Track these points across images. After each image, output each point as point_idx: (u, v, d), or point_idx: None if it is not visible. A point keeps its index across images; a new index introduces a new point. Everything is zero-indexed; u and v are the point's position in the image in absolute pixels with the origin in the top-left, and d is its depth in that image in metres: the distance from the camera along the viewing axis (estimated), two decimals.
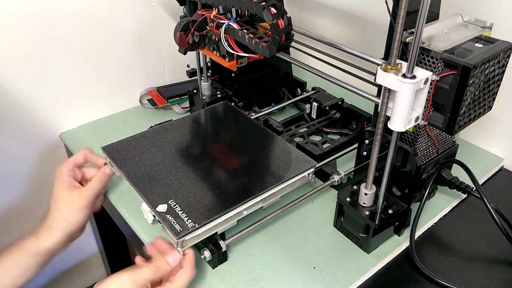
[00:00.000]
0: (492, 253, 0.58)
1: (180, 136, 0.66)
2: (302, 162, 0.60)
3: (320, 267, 0.56)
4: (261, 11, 0.55)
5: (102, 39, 0.82)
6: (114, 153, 0.61)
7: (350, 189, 0.58)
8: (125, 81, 0.89)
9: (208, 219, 0.51)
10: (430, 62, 0.48)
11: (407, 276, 0.55)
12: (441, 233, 0.62)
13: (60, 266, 1.01)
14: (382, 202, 0.53)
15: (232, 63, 0.72)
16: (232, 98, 0.85)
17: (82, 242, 1.03)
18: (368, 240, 0.57)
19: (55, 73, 0.78)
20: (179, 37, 0.69)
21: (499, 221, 0.54)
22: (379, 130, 0.48)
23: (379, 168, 0.54)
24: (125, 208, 0.66)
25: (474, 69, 0.45)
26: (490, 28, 0.51)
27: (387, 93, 0.45)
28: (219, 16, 0.66)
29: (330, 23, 0.95)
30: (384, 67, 0.44)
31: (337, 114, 0.79)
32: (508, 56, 0.49)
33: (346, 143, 0.72)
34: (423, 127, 0.55)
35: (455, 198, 0.66)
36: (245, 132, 0.67)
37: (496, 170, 0.73)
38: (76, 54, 0.79)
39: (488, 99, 0.51)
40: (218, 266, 0.56)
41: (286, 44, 0.57)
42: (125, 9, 0.82)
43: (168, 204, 0.53)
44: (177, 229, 0.49)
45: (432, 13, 0.52)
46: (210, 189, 0.55)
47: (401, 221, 0.58)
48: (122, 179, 0.60)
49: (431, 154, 0.59)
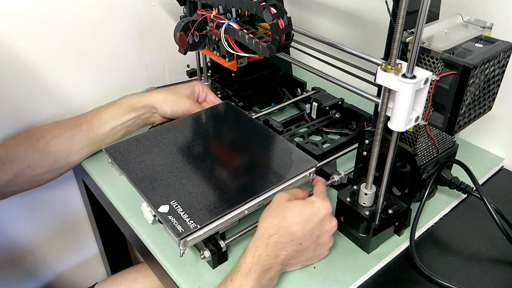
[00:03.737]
0: (492, 253, 0.58)
1: (181, 136, 0.66)
2: (303, 162, 0.60)
3: (320, 267, 0.56)
4: (261, 11, 0.55)
5: (102, 39, 0.81)
6: (115, 154, 0.61)
7: (350, 189, 0.58)
8: (125, 81, 0.88)
9: (210, 220, 0.51)
10: (430, 62, 0.48)
11: (407, 276, 0.55)
12: (441, 233, 0.62)
13: (60, 266, 1.01)
14: (382, 202, 0.53)
15: (232, 63, 0.72)
16: (232, 98, 0.85)
17: (82, 242, 1.03)
18: (368, 240, 0.57)
19: (55, 73, 0.78)
20: (179, 37, 0.69)
21: (499, 221, 0.54)
22: (379, 130, 0.48)
23: (379, 168, 0.53)
24: (125, 208, 0.66)
25: (474, 69, 0.45)
26: (490, 28, 0.51)
27: (387, 93, 0.45)
28: (219, 16, 0.66)
29: (330, 23, 0.95)
30: (384, 67, 0.44)
31: (337, 114, 0.79)
32: (508, 56, 0.49)
33: (346, 143, 0.72)
34: (423, 127, 0.55)
35: (455, 198, 0.66)
36: (246, 131, 0.67)
37: (496, 170, 0.73)
38: (76, 54, 0.79)
39: (488, 99, 0.51)
40: (218, 266, 0.56)
41: (286, 44, 0.57)
42: (125, 9, 0.82)
43: (170, 205, 0.53)
44: (179, 230, 0.49)
45: (432, 13, 0.52)
46: (212, 190, 0.55)
47: (401, 221, 0.58)
48: (122, 179, 0.60)
49: (431, 154, 0.59)
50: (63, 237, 0.97)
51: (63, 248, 0.99)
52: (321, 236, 0.54)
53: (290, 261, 0.53)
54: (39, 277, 0.99)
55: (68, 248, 1.00)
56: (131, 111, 0.72)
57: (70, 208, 0.95)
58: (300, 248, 0.52)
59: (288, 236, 0.51)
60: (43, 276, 0.99)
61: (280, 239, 0.51)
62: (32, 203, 0.88)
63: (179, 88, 0.75)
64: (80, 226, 1.00)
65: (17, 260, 0.92)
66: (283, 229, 0.51)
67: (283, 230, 0.51)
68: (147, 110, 0.73)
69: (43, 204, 0.90)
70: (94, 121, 0.71)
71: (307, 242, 0.53)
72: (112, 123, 0.71)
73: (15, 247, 0.90)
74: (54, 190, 0.90)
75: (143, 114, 0.73)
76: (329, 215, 0.54)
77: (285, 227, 0.52)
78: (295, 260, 0.53)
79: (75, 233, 1.00)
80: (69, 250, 1.01)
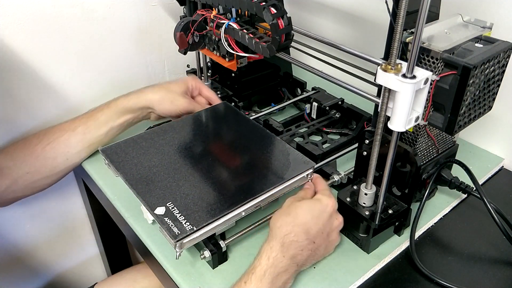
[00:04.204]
0: (492, 253, 0.58)
1: (178, 137, 0.66)
2: (300, 163, 0.59)
3: (320, 267, 0.56)
4: (261, 11, 0.55)
5: (102, 39, 0.81)
6: (112, 155, 0.61)
7: (350, 189, 0.58)
8: (125, 81, 0.88)
9: (206, 222, 0.51)
10: (430, 62, 0.48)
11: (407, 276, 0.55)
12: (441, 233, 0.62)
13: (60, 266, 1.01)
14: (382, 202, 0.53)
15: (232, 63, 0.72)
16: (232, 98, 0.85)
17: (82, 242, 1.03)
18: (368, 240, 0.57)
19: (55, 73, 0.78)
20: (179, 37, 0.69)
21: (499, 221, 0.54)
22: (379, 130, 0.48)
23: (379, 168, 0.54)
24: (125, 208, 0.66)
25: (474, 69, 0.45)
26: (490, 28, 0.51)
27: (387, 93, 0.45)
28: (219, 16, 0.66)
29: (330, 23, 0.95)
30: (384, 67, 0.44)
31: (337, 114, 0.79)
32: (508, 56, 0.49)
33: (346, 143, 0.72)
34: (423, 127, 0.55)
35: (455, 198, 0.66)
36: (244, 133, 0.67)
37: (496, 170, 0.73)
38: (76, 54, 0.79)
39: (488, 99, 0.51)
40: (218, 266, 0.56)
41: (286, 44, 0.57)
42: (125, 9, 0.82)
43: (166, 206, 0.53)
44: (175, 232, 0.49)
45: (432, 13, 0.52)
46: (208, 191, 0.55)
47: (401, 221, 0.58)
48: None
49: (431, 154, 0.59)
50: (63, 237, 0.97)
51: (63, 248, 0.99)
52: (331, 233, 0.54)
53: (305, 262, 0.53)
54: (40, 277, 0.99)
55: (68, 248, 1.00)
56: (128, 113, 0.71)
57: (70, 208, 0.95)
58: (314, 247, 0.52)
59: (303, 234, 0.51)
60: (43, 276, 0.99)
61: (295, 238, 0.50)
62: (33, 204, 0.88)
63: (173, 86, 0.74)
64: (80, 226, 1.00)
65: (18, 260, 0.92)
66: (298, 227, 0.51)
67: (297, 228, 0.51)
68: (143, 111, 0.73)
69: (43, 205, 0.90)
70: (90, 123, 0.70)
71: (320, 240, 0.52)
72: (108, 124, 0.71)
73: (15, 247, 0.90)
74: (54, 191, 0.89)
75: (140, 115, 0.73)
76: (335, 211, 0.54)
77: (299, 224, 0.51)
78: (309, 260, 0.53)
79: (75, 233, 1.00)
80: (69, 250, 1.01)
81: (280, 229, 0.51)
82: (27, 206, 0.87)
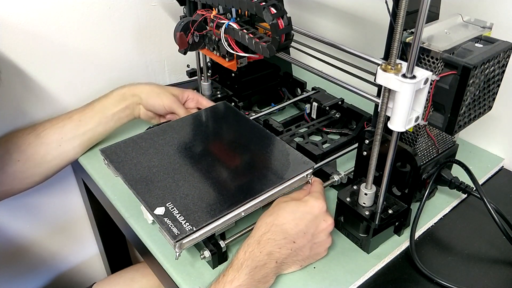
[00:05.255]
0: (492, 253, 0.58)
1: (178, 137, 0.66)
2: (300, 163, 0.59)
3: (320, 267, 0.56)
4: (261, 11, 0.55)
5: (102, 39, 0.82)
6: (112, 155, 0.61)
7: (350, 189, 0.58)
8: (125, 81, 0.88)
9: (206, 222, 0.51)
10: (430, 62, 0.48)
11: (407, 276, 0.55)
12: (441, 233, 0.62)
13: (60, 266, 1.01)
14: (382, 202, 0.53)
15: (232, 63, 0.72)
16: (232, 98, 0.85)
17: (82, 242, 1.03)
18: (368, 240, 0.57)
19: (55, 73, 0.78)
20: (179, 37, 0.69)
21: (499, 221, 0.54)
22: (379, 130, 0.48)
23: (379, 168, 0.54)
24: (125, 208, 0.66)
25: (474, 69, 0.45)
26: (490, 28, 0.51)
27: (387, 93, 0.45)
28: (219, 16, 0.66)
29: (330, 23, 0.95)
30: (384, 67, 0.44)
31: (337, 114, 0.79)
32: (508, 56, 0.49)
33: (346, 143, 0.72)
34: (423, 127, 0.55)
35: (455, 198, 0.66)
36: (243, 133, 0.67)
37: (496, 170, 0.73)
38: (76, 54, 0.79)
39: (488, 99, 0.51)
40: (218, 266, 0.56)
41: (286, 44, 0.57)
42: (125, 9, 0.82)
43: (166, 206, 0.53)
44: (175, 232, 0.49)
45: (432, 13, 0.52)
46: (208, 191, 0.55)
47: (401, 221, 0.58)
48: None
49: (431, 154, 0.59)
50: (63, 237, 0.98)
51: (63, 247, 0.99)
52: (316, 235, 0.54)
53: (286, 261, 0.53)
54: (40, 276, 0.99)
55: (68, 248, 1.00)
56: (121, 100, 0.74)
57: (70, 208, 0.95)
58: (295, 247, 0.52)
59: (280, 234, 0.52)
60: (43, 275, 0.99)
61: (272, 236, 0.51)
62: (32, 203, 0.88)
63: (169, 87, 0.78)
64: (80, 226, 1.00)
65: (17, 259, 0.92)
66: (275, 226, 0.52)
67: (275, 227, 0.52)
68: (134, 99, 0.74)
69: (43, 204, 0.90)
70: (86, 111, 0.73)
71: (302, 240, 0.53)
72: (103, 112, 0.73)
73: (15, 247, 0.90)
74: (54, 190, 0.90)
75: (131, 103, 0.74)
76: (323, 214, 0.54)
77: (277, 224, 0.52)
78: (291, 259, 0.53)
79: (75, 233, 1.00)
80: (69, 250, 1.01)
81: (259, 229, 0.52)
82: (27, 206, 0.87)
